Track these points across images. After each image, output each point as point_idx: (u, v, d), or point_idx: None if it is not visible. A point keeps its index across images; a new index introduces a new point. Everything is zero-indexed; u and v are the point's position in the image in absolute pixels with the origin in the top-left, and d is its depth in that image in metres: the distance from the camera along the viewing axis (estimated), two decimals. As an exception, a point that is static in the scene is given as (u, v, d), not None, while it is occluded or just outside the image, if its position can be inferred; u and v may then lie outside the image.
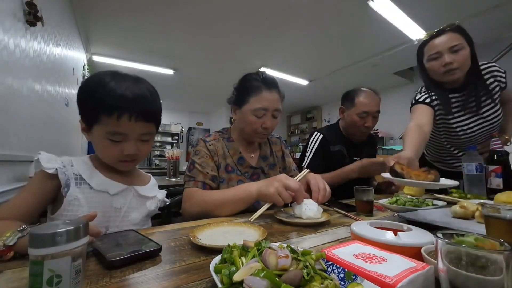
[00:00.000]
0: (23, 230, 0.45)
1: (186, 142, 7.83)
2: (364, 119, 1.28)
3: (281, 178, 0.74)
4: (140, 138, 0.66)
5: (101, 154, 0.68)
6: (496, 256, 0.25)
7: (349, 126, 1.36)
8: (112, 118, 0.60)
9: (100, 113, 0.60)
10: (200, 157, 0.93)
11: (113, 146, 0.63)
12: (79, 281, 0.30)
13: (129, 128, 0.62)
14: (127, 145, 0.64)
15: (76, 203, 0.62)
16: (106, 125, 0.61)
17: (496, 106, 1.15)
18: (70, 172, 0.65)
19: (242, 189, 0.80)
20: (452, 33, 1.10)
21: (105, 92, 0.60)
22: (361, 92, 1.31)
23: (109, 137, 0.62)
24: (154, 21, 2.90)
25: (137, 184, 0.75)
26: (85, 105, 0.64)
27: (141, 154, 0.68)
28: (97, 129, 0.63)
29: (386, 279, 0.28)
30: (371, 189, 0.81)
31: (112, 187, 0.68)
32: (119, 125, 0.61)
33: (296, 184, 0.72)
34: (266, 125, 0.93)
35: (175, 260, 0.45)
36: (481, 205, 0.67)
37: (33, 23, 1.37)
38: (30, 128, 1.44)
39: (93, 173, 0.67)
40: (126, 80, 0.63)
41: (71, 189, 0.62)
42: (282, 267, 0.29)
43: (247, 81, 0.96)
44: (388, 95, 5.40)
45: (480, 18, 2.80)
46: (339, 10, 2.70)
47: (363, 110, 1.27)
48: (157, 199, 0.79)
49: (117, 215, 0.67)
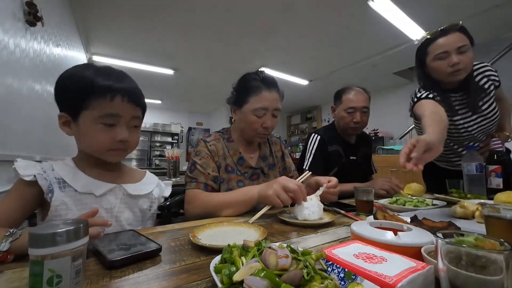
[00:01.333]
0: (12, 234, 0.43)
1: (186, 142, 7.82)
2: (351, 114, 1.32)
3: (281, 180, 0.75)
4: (131, 123, 0.66)
5: (90, 144, 0.64)
6: (496, 256, 0.25)
7: (340, 123, 1.39)
8: (105, 99, 0.60)
9: (90, 97, 0.59)
10: (201, 157, 0.93)
11: (105, 132, 0.62)
12: (79, 281, 0.30)
13: (122, 109, 0.62)
14: (119, 130, 0.63)
15: (63, 207, 0.60)
16: (99, 108, 0.60)
17: (493, 104, 1.17)
18: (51, 177, 0.62)
19: (244, 192, 0.81)
20: (459, 33, 1.09)
21: (94, 75, 0.60)
22: (348, 89, 1.36)
23: (102, 121, 0.61)
24: (154, 21, 2.90)
25: (127, 181, 0.73)
26: (69, 94, 0.61)
27: (132, 142, 0.67)
28: (86, 115, 0.61)
29: (386, 279, 0.28)
30: (371, 189, 0.82)
31: (98, 188, 0.65)
32: (112, 106, 0.61)
33: (295, 185, 0.72)
34: (266, 124, 0.93)
35: (175, 260, 0.45)
36: (481, 205, 0.67)
37: (33, 23, 1.37)
38: (30, 128, 1.44)
39: (77, 175, 0.65)
40: (110, 69, 0.64)
41: (56, 194, 0.60)
42: (282, 267, 0.29)
43: (247, 81, 0.96)
44: (388, 95, 5.42)
45: (480, 18, 2.80)
46: (339, 10, 2.70)
47: (349, 106, 1.31)
48: (152, 196, 0.77)
49: (109, 215, 0.65)
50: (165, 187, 0.85)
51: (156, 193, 0.79)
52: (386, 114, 5.38)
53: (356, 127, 1.34)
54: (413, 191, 1.12)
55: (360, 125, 1.33)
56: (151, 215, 0.77)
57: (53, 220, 0.61)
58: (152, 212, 0.77)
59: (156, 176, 0.85)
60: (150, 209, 0.75)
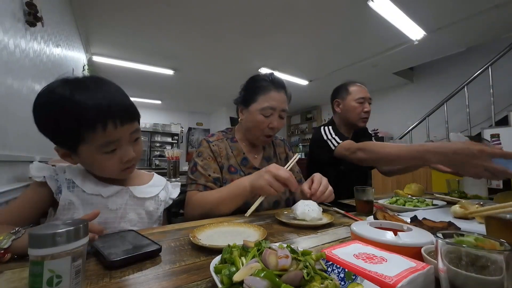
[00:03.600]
0: (17, 232, 0.45)
1: (186, 142, 7.82)
2: (362, 104, 1.36)
3: (271, 168, 0.74)
4: (132, 138, 0.64)
5: (101, 171, 0.65)
6: (496, 256, 0.25)
7: (350, 115, 1.37)
8: (97, 131, 0.55)
9: (81, 132, 0.55)
10: (202, 158, 0.92)
11: (110, 158, 0.61)
12: (79, 281, 0.29)
13: (119, 133, 0.59)
14: (123, 152, 0.62)
15: (71, 207, 0.62)
16: (94, 141, 0.57)
17: None
18: (62, 178, 0.64)
19: (236, 185, 0.80)
20: None
21: (76, 109, 0.54)
22: (351, 83, 1.41)
23: (103, 150, 0.59)
24: (154, 21, 2.90)
25: (134, 184, 0.73)
26: (57, 130, 0.57)
27: (138, 155, 0.67)
28: (84, 148, 0.58)
29: (386, 279, 0.28)
30: (371, 189, 0.81)
31: (105, 190, 0.66)
32: (107, 135, 0.57)
33: (286, 173, 0.73)
34: (272, 124, 0.93)
35: (175, 260, 0.45)
36: (481, 205, 0.67)
37: (33, 23, 1.37)
38: (30, 128, 1.44)
39: (86, 178, 0.67)
40: (87, 88, 0.57)
41: (63, 194, 0.62)
42: (282, 267, 0.29)
43: (256, 81, 0.97)
44: (388, 95, 5.42)
45: (480, 18, 2.80)
46: (338, 10, 2.70)
47: (360, 96, 1.35)
48: (158, 199, 0.77)
49: (114, 216, 0.66)
50: (173, 189, 0.84)
51: (162, 196, 0.78)
52: (386, 114, 5.38)
53: (366, 117, 1.37)
54: (413, 191, 1.12)
55: (368, 116, 1.37)
56: (157, 218, 0.76)
57: (53, 221, 0.61)
58: (159, 215, 0.76)
59: (165, 179, 0.84)
60: (156, 211, 0.75)
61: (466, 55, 3.80)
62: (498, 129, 2.90)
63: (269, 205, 0.96)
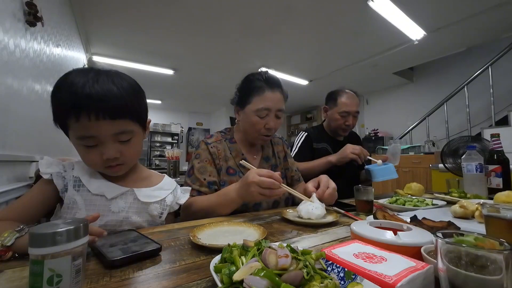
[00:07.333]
0: (21, 230, 0.45)
1: (186, 142, 7.82)
2: (345, 118, 1.41)
3: (252, 179, 0.71)
4: (118, 138, 0.59)
5: (85, 163, 0.64)
6: (496, 255, 0.25)
7: (332, 124, 1.47)
8: (71, 119, 0.54)
9: (63, 117, 0.55)
10: (199, 161, 0.92)
11: (90, 152, 0.59)
12: (79, 280, 0.30)
13: (95, 129, 0.55)
14: (104, 149, 0.58)
15: (74, 206, 0.61)
16: (72, 130, 0.56)
17: None
18: (69, 175, 0.64)
19: (224, 196, 0.80)
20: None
21: (61, 92, 0.54)
22: (343, 93, 1.44)
23: (80, 143, 0.58)
24: (154, 21, 2.90)
25: (141, 185, 0.70)
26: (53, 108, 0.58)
27: (126, 157, 0.62)
28: (70, 136, 0.58)
29: (386, 278, 0.28)
30: (371, 188, 0.82)
31: (110, 191, 0.64)
32: (81, 127, 0.54)
33: (267, 174, 0.72)
34: (269, 125, 0.92)
35: (175, 259, 0.45)
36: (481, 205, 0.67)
37: (33, 23, 1.37)
38: (30, 128, 1.44)
39: (93, 176, 0.65)
40: (86, 76, 0.55)
41: (69, 192, 0.62)
42: (282, 267, 0.29)
43: (250, 81, 0.95)
44: (388, 95, 5.42)
45: (480, 18, 2.80)
46: (339, 10, 2.69)
47: (344, 110, 1.39)
48: (164, 203, 0.72)
49: (116, 219, 0.64)
50: (182, 194, 0.79)
51: (169, 200, 0.73)
52: (386, 114, 5.38)
53: (346, 129, 1.44)
54: (413, 191, 1.12)
55: (350, 128, 1.44)
56: (161, 222, 0.72)
57: (55, 219, 0.61)
58: (163, 220, 0.72)
59: (175, 182, 0.80)
60: (160, 216, 0.71)
61: (466, 55, 3.80)
62: (498, 129, 2.91)
63: (269, 205, 0.96)
